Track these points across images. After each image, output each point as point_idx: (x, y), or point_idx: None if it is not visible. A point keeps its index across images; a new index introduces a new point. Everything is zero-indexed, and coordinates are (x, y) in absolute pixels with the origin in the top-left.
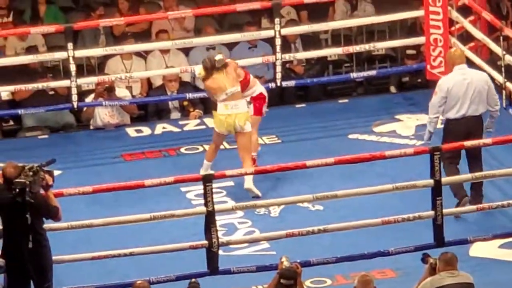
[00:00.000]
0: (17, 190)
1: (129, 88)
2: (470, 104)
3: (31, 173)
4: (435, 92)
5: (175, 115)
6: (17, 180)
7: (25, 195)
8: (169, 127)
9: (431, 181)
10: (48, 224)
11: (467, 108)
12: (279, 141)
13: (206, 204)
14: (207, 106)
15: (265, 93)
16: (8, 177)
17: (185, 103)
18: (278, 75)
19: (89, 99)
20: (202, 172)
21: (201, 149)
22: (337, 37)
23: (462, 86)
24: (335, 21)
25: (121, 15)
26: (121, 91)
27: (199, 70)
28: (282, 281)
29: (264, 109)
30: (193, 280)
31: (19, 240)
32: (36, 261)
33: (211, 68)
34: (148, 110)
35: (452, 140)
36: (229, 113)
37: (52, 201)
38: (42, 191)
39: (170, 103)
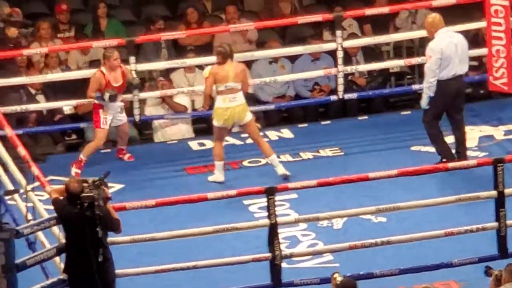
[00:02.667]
0: (85, 204)
1: (192, 101)
2: (459, 63)
3: (94, 186)
4: (429, 57)
5: (236, 128)
6: (85, 194)
7: (95, 208)
8: (232, 140)
9: (495, 193)
10: (112, 238)
11: (457, 67)
12: (342, 153)
13: (269, 217)
14: (270, 118)
15: None
16: (73, 192)
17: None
18: (340, 88)
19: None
20: (218, 173)
21: (263, 161)
22: (399, 49)
23: (451, 46)
24: (397, 33)
25: (187, 27)
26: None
27: (206, 70)
28: None
29: None
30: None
31: (87, 254)
32: (104, 275)
33: (227, 55)
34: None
35: (443, 101)
36: (227, 106)
37: (114, 214)
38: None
39: None
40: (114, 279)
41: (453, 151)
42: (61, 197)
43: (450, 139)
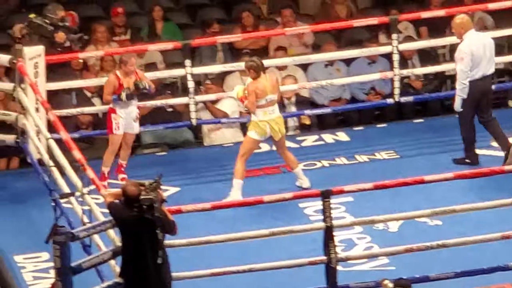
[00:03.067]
0: (145, 206)
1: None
2: (487, 64)
3: (151, 189)
4: (461, 59)
5: (292, 131)
6: (144, 197)
7: (154, 211)
8: (287, 143)
9: None
10: (168, 241)
11: (485, 67)
12: (398, 156)
13: (324, 220)
14: (325, 122)
15: None
16: (131, 196)
17: (302, 116)
18: (396, 91)
19: None
20: (235, 192)
21: (319, 165)
22: (454, 52)
23: (480, 47)
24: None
25: (243, 30)
26: (224, 105)
27: (235, 92)
28: None
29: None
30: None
31: (145, 257)
32: (161, 278)
33: (259, 68)
34: None
35: (470, 101)
36: (268, 119)
37: (169, 216)
38: None
39: (289, 119)
40: (170, 282)
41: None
42: (117, 201)
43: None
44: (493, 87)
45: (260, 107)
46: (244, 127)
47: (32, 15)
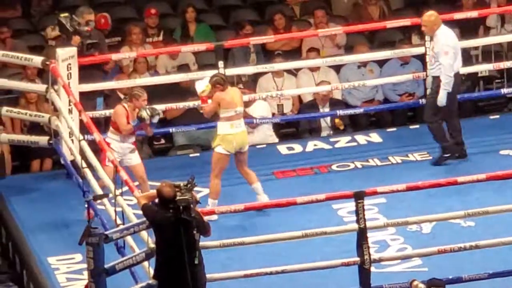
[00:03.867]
0: (181, 207)
1: (280, 106)
2: (459, 58)
3: (187, 190)
4: (445, 53)
5: (326, 132)
6: (180, 198)
7: (191, 211)
8: (320, 144)
9: None
10: (201, 243)
11: (459, 62)
12: (431, 157)
13: (358, 221)
14: (358, 123)
15: None
16: (167, 197)
17: (336, 120)
18: (429, 92)
19: None
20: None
21: (352, 166)
22: (487, 53)
23: (457, 42)
24: (485, 37)
25: (275, 32)
26: (256, 108)
27: (203, 85)
28: None
29: None
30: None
31: (181, 258)
32: (196, 279)
33: (225, 81)
34: (299, 127)
35: (452, 96)
36: (236, 132)
37: (203, 217)
38: None
39: (322, 120)
40: (205, 283)
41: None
42: (151, 203)
43: None
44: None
45: (229, 119)
46: (277, 128)
47: (62, 14)
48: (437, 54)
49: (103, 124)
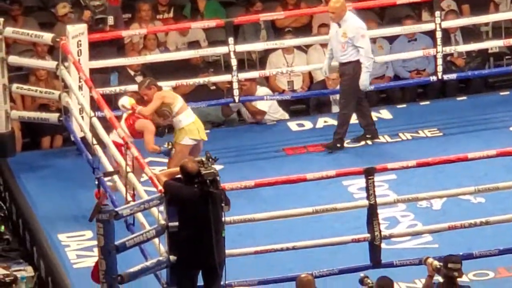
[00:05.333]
0: (209, 181)
1: (291, 82)
2: None
3: (210, 163)
4: (362, 36)
5: (336, 108)
6: (206, 171)
7: (218, 185)
8: (331, 121)
9: None
10: None
11: None
12: (441, 134)
13: (368, 198)
14: (368, 99)
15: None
16: (191, 172)
17: None
18: (439, 68)
19: None
20: None
21: (362, 142)
22: (498, 30)
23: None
24: (496, 13)
25: (285, 8)
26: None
27: (126, 102)
28: (450, 265)
29: None
30: (363, 275)
31: (208, 231)
32: (220, 252)
33: (155, 83)
34: (309, 104)
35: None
36: (194, 119)
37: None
38: None
39: (331, 96)
40: (224, 258)
41: None
42: (174, 179)
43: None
44: None
45: (181, 110)
46: (287, 104)
47: None
48: (352, 39)
49: (114, 101)
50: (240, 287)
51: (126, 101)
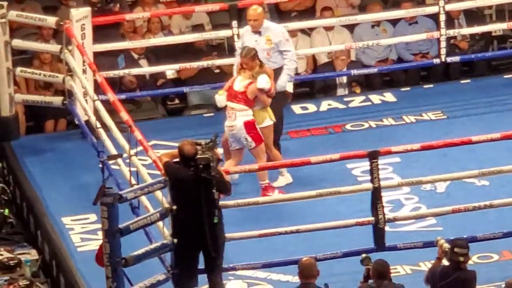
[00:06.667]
0: (201, 166)
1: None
2: None
3: (208, 148)
4: (287, 40)
5: (341, 91)
6: (200, 156)
7: (211, 170)
8: (334, 104)
9: None
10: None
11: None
12: (445, 116)
13: (372, 181)
14: (372, 82)
15: None
16: (188, 154)
17: (354, 84)
18: (443, 51)
19: None
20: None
21: (366, 125)
22: (501, 12)
23: None
24: None
25: None
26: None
27: (265, 81)
28: (456, 250)
29: None
30: (364, 255)
31: (201, 216)
32: (215, 237)
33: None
34: (314, 86)
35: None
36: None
37: (224, 176)
38: None
39: (337, 79)
40: (224, 242)
41: None
42: (173, 161)
43: None
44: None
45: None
46: (298, 87)
47: None
48: (278, 44)
49: (118, 84)
50: (244, 270)
51: (264, 83)
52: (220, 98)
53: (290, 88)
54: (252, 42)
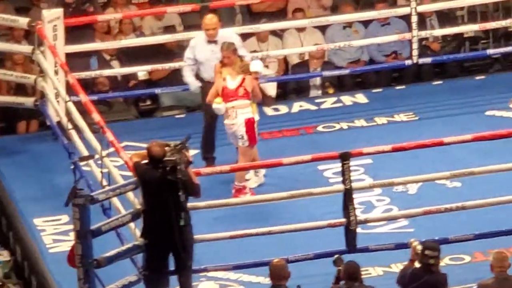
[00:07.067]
0: (168, 168)
1: (266, 67)
2: None
3: (176, 150)
4: (241, 45)
5: (314, 93)
6: (168, 158)
7: (177, 172)
8: (306, 105)
9: None
10: (189, 203)
11: None
12: (416, 118)
13: (344, 182)
14: (344, 83)
15: None
16: (155, 156)
17: (326, 84)
18: (415, 52)
19: None
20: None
21: (338, 127)
22: (473, 14)
23: None
24: None
25: None
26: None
27: (260, 65)
28: (426, 252)
29: None
30: (336, 256)
31: (168, 218)
32: (183, 239)
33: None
34: (287, 87)
35: None
36: None
37: (194, 178)
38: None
39: (310, 81)
40: (192, 244)
41: None
42: (142, 162)
43: None
44: (511, 48)
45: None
46: None
47: None
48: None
49: (92, 85)
50: (215, 271)
51: (258, 67)
52: (220, 106)
53: (273, 92)
54: (207, 53)
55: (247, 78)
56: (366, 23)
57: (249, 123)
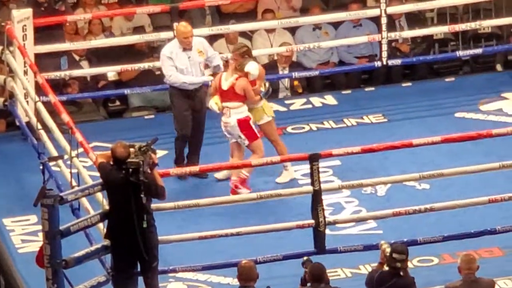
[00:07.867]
0: (131, 170)
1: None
2: None
3: (141, 152)
4: (208, 45)
5: (283, 94)
6: (130, 160)
7: (139, 175)
8: (275, 107)
9: None
10: (155, 204)
11: None
12: (386, 120)
13: (312, 183)
14: (313, 85)
15: None
16: (119, 157)
17: (295, 83)
18: (384, 54)
19: None
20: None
21: (307, 128)
22: (443, 16)
23: None
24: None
25: None
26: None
27: (254, 67)
28: (394, 255)
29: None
30: (306, 258)
31: (131, 219)
32: (147, 241)
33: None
34: None
35: None
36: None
37: (159, 180)
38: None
39: (280, 82)
40: (156, 245)
41: None
42: (107, 162)
43: None
44: (480, 50)
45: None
46: None
47: None
48: (211, 57)
49: (62, 85)
50: (184, 272)
51: (253, 69)
52: (214, 108)
53: None
54: (185, 61)
55: (239, 80)
56: (336, 24)
57: (242, 122)
